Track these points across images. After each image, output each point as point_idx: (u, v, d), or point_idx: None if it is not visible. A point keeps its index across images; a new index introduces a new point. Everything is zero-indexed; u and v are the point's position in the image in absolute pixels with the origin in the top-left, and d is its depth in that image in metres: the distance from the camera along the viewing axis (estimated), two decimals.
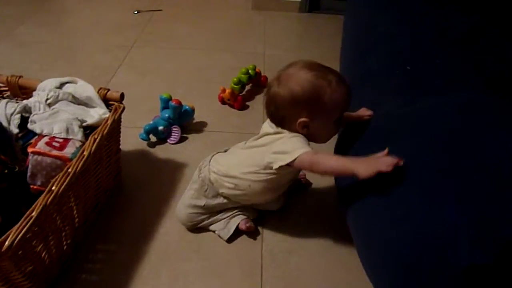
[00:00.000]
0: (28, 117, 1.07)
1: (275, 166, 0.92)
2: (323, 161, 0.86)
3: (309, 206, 1.22)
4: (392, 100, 0.94)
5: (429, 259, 0.57)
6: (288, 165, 0.90)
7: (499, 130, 0.70)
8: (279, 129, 0.96)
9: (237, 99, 1.60)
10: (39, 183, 0.95)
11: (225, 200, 1.08)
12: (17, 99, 1.16)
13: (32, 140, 1.03)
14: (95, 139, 0.98)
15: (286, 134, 0.94)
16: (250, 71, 1.69)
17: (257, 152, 1.00)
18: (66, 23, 2.30)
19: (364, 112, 0.99)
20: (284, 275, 1.03)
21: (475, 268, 0.52)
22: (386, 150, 0.76)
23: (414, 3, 1.36)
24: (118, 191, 1.23)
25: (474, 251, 0.51)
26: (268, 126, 1.02)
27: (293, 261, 1.06)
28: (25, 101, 1.10)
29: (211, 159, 1.12)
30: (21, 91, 1.18)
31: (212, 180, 1.07)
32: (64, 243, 0.98)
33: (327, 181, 1.26)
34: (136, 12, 2.41)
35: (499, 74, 0.98)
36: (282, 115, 0.94)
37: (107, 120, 1.05)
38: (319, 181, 1.29)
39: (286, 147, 0.92)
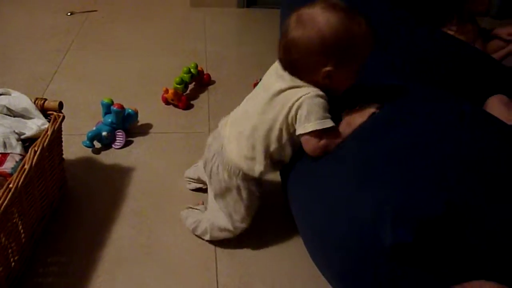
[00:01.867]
0: None
1: (301, 131, 0.84)
2: (326, 146, 0.82)
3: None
4: None
5: (361, 242, 0.64)
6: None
7: (421, 119, 0.78)
8: (294, 82, 0.85)
9: (181, 99, 1.62)
10: None
11: None
12: None
13: None
14: (35, 151, 0.96)
15: (311, 91, 0.83)
16: (192, 69, 1.70)
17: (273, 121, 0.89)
18: None
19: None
20: (239, 265, 1.07)
21: (399, 246, 0.59)
22: None
23: None
24: (65, 202, 1.21)
25: (396, 231, 0.57)
26: (274, 78, 0.90)
27: (247, 255, 1.10)
28: None
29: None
30: None
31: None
32: (11, 260, 0.96)
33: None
34: (69, 13, 2.32)
35: (417, 62, 1.09)
36: (305, 62, 0.82)
37: (46, 131, 1.03)
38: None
39: (314, 111, 0.82)
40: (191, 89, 1.75)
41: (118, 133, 1.43)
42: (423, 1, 1.57)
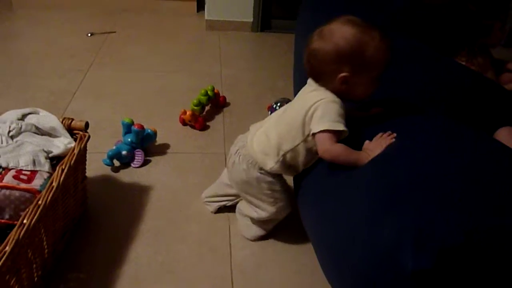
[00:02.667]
0: None
1: (314, 130, 0.91)
2: (342, 153, 0.89)
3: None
4: None
5: (381, 268, 0.65)
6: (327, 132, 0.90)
7: (439, 148, 0.81)
8: (316, 87, 0.95)
9: (198, 120, 1.66)
10: (7, 216, 0.96)
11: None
12: None
13: None
14: (62, 170, 1.00)
15: (327, 96, 0.92)
16: (209, 92, 1.75)
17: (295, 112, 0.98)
18: (15, 47, 2.25)
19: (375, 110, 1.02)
20: (255, 284, 1.09)
21: (419, 272, 0.60)
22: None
23: None
24: (85, 218, 1.24)
25: (417, 258, 0.60)
26: (305, 86, 1.01)
27: (262, 274, 1.12)
28: None
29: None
30: None
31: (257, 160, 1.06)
32: (35, 275, 0.98)
33: None
34: (89, 34, 2.40)
35: (430, 91, 1.12)
36: (323, 70, 0.92)
37: (73, 150, 1.07)
38: None
39: (329, 114, 0.91)
40: (207, 110, 1.79)
41: (137, 152, 1.46)
42: (435, 32, 1.61)
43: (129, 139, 1.46)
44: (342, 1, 1.69)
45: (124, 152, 1.43)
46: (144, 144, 1.51)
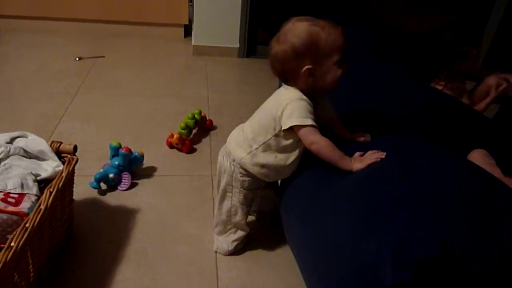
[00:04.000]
0: None
1: (284, 126, 0.99)
2: (327, 148, 0.97)
3: (261, 241, 1.31)
4: None
5: (362, 283, 0.69)
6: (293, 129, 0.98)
7: (415, 169, 0.86)
8: (288, 87, 1.02)
9: (185, 143, 1.69)
10: None
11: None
12: None
13: None
14: (50, 192, 1.01)
15: (294, 95, 0.99)
16: (196, 115, 1.79)
17: (267, 110, 1.06)
18: (3, 72, 2.26)
19: (360, 137, 1.10)
20: None
21: (399, 286, 0.64)
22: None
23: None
24: (71, 242, 1.24)
25: (396, 272, 0.63)
26: (281, 87, 1.07)
27: None
28: None
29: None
30: None
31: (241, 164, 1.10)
32: None
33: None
34: (77, 59, 2.43)
35: (408, 116, 1.18)
36: (287, 69, 0.99)
37: (61, 173, 1.08)
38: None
39: (296, 111, 0.98)
40: (194, 134, 1.82)
41: (124, 175, 1.48)
42: (413, 57, 1.70)
43: (116, 162, 1.47)
44: None
45: (111, 175, 1.44)
46: (132, 167, 1.53)
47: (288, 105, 0.99)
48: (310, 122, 0.97)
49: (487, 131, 1.27)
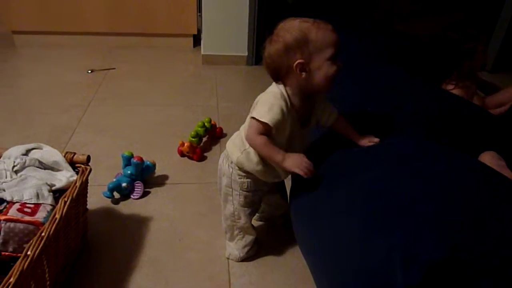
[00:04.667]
0: None
1: (249, 116, 1.00)
2: (265, 146, 0.98)
3: (274, 247, 1.31)
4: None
5: (373, 286, 0.69)
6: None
7: (424, 172, 0.86)
8: (274, 85, 1.02)
9: (196, 151, 1.71)
10: (10, 249, 0.98)
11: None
12: None
13: (1, 207, 1.06)
14: (65, 202, 1.03)
15: (273, 91, 1.00)
16: (206, 123, 1.81)
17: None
18: (18, 85, 2.32)
19: (368, 141, 1.07)
20: None
21: (410, 287, 0.64)
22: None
23: (348, 56, 1.57)
24: (86, 250, 1.26)
25: (407, 274, 0.63)
26: None
27: None
28: None
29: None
30: None
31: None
32: None
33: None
34: (89, 71, 2.49)
35: (416, 117, 1.18)
36: (279, 66, 0.97)
37: (75, 183, 1.11)
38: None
39: (263, 105, 0.98)
40: (205, 142, 1.84)
41: (136, 184, 1.50)
42: (424, 58, 1.69)
43: (128, 172, 1.50)
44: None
45: (124, 184, 1.46)
46: (144, 176, 1.55)
47: (262, 97, 1.00)
48: (264, 119, 0.96)
49: (497, 133, 1.26)
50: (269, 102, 0.98)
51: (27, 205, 1.02)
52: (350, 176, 0.94)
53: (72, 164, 1.20)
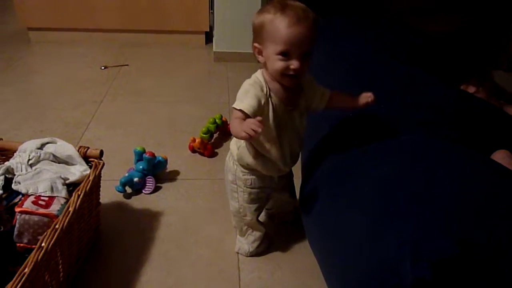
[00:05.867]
0: (10, 178, 1.13)
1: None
2: (234, 127, 0.92)
3: (284, 243, 1.31)
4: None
5: (383, 281, 0.69)
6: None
7: (436, 168, 0.86)
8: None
9: (207, 147, 1.72)
10: (25, 241, 1.00)
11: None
12: None
13: (16, 200, 1.09)
14: (79, 195, 1.05)
15: (250, 79, 1.01)
16: (217, 120, 1.82)
17: None
18: (33, 81, 2.36)
19: (365, 98, 1.04)
20: None
21: (419, 283, 0.64)
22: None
23: (356, 54, 1.57)
24: (98, 244, 1.28)
25: (416, 269, 0.63)
26: None
27: None
28: (7, 163, 1.16)
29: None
30: (0, 153, 1.24)
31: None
32: None
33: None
34: (103, 67, 2.51)
35: (429, 115, 1.17)
36: (252, 44, 0.99)
37: (88, 177, 1.12)
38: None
39: (239, 93, 0.98)
40: (216, 138, 1.85)
41: (148, 179, 1.52)
42: (445, 59, 1.67)
43: (140, 167, 1.51)
44: (356, 35, 1.77)
45: (136, 179, 1.48)
46: (155, 171, 1.56)
47: (242, 85, 1.00)
48: (239, 106, 0.93)
49: (510, 131, 1.25)
50: (245, 90, 0.98)
51: (42, 197, 1.04)
52: (361, 172, 0.94)
53: (86, 158, 1.22)
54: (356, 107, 1.06)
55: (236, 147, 1.11)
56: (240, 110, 0.93)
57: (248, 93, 0.96)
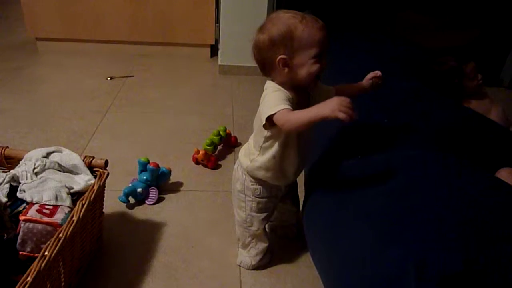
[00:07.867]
0: (15, 186, 1.13)
1: (263, 119, 0.95)
2: (293, 117, 0.91)
3: (286, 257, 1.31)
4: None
5: None
6: (272, 120, 0.94)
7: (438, 181, 0.86)
8: (266, 83, 1.03)
9: (210, 159, 1.72)
10: (28, 249, 1.01)
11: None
12: (3, 169, 1.22)
13: (20, 208, 1.09)
14: (83, 205, 1.06)
15: (269, 89, 1.00)
16: (221, 132, 1.83)
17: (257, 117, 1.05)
18: (39, 90, 2.38)
19: (371, 75, 1.08)
20: None
21: None
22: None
23: (360, 68, 1.58)
24: (100, 253, 1.28)
25: (420, 286, 0.63)
26: None
27: None
28: (12, 171, 1.16)
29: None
30: (6, 161, 1.25)
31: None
32: None
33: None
34: (109, 78, 2.54)
35: (433, 131, 1.18)
36: (264, 58, 0.99)
37: (93, 186, 1.13)
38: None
39: (268, 102, 0.96)
40: (219, 150, 1.86)
41: (151, 190, 1.52)
42: (444, 78, 1.70)
43: (144, 177, 1.52)
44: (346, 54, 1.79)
45: (139, 190, 1.48)
46: (159, 182, 1.57)
47: (263, 100, 1.00)
48: (280, 107, 0.92)
49: None
50: (274, 95, 0.97)
51: (46, 206, 1.05)
52: (365, 186, 0.94)
53: (91, 168, 1.22)
54: (363, 91, 1.10)
55: (248, 161, 1.11)
56: (283, 109, 0.92)
57: (280, 96, 0.96)
